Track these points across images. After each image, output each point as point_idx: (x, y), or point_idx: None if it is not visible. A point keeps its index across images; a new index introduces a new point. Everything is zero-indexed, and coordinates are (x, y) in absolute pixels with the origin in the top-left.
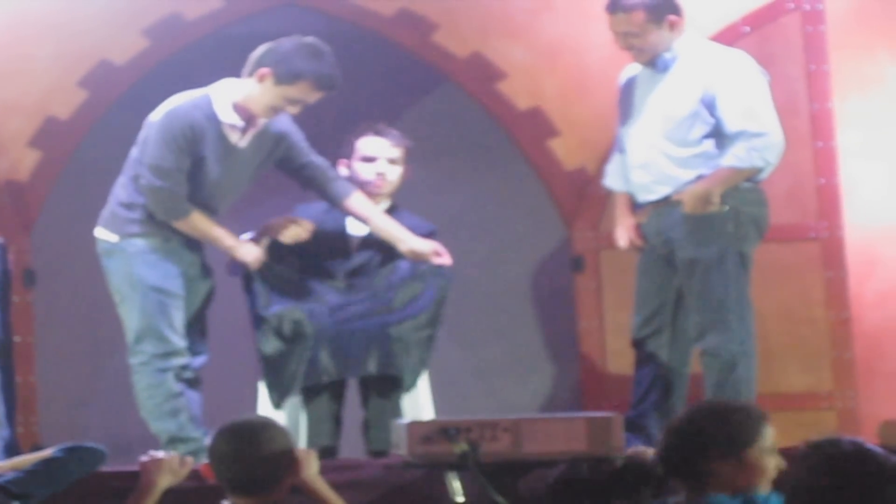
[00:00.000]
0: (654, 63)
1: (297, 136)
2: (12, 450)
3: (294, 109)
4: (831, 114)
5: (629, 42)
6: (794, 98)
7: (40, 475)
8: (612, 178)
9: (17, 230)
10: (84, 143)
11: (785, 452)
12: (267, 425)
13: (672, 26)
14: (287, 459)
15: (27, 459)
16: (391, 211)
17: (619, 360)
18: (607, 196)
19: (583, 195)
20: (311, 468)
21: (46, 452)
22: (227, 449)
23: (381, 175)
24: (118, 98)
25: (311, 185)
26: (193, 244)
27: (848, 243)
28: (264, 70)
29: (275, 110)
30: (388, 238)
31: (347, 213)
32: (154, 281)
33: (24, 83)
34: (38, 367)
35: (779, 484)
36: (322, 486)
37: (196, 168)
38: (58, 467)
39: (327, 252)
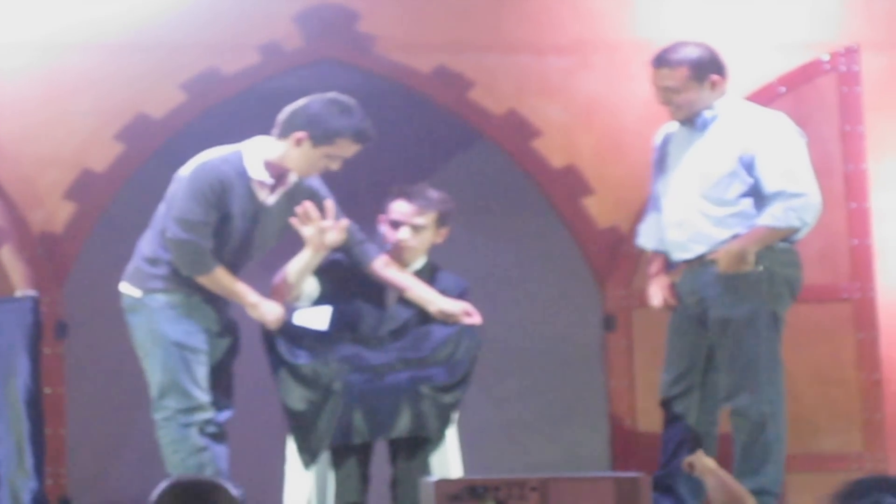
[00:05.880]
0: (693, 121)
1: (327, 197)
2: (40, 503)
3: (336, 165)
4: (865, 175)
5: (669, 97)
6: (829, 158)
7: None
8: (646, 238)
9: (51, 282)
10: (119, 196)
11: None
12: (216, 487)
13: (714, 86)
14: None
15: None
16: (426, 268)
17: (650, 419)
18: (640, 255)
19: (615, 254)
20: None
21: None
22: None
23: (401, 241)
24: (154, 152)
25: (338, 247)
26: (216, 300)
27: (880, 305)
28: (300, 134)
29: (317, 169)
30: (417, 300)
31: (374, 276)
32: (176, 336)
33: (61, 136)
34: (68, 420)
35: None
36: None
37: (222, 223)
38: None
39: (361, 307)
